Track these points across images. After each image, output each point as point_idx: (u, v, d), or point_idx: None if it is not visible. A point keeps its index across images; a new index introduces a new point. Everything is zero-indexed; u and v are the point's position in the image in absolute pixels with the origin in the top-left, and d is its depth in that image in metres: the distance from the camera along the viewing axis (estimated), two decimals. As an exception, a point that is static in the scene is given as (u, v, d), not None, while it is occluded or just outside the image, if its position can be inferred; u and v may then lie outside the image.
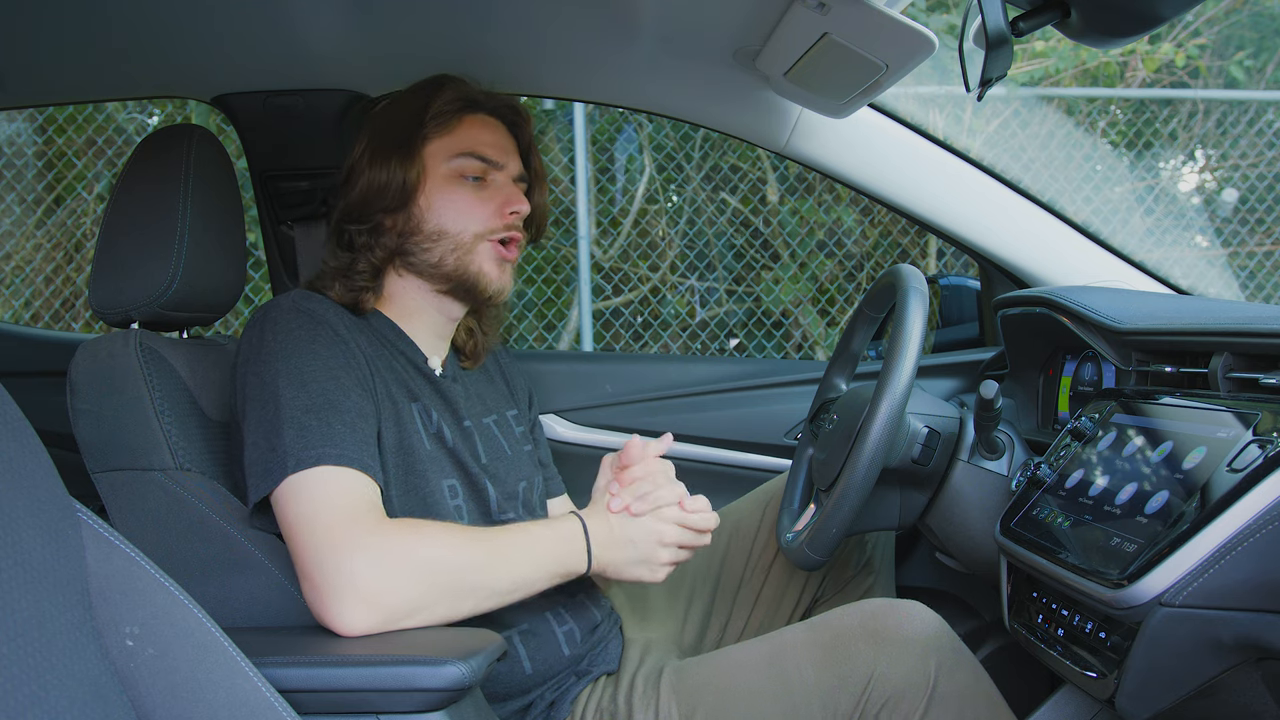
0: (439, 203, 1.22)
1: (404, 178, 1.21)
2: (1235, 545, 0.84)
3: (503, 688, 1.13)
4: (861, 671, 1.06)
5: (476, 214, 1.22)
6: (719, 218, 3.97)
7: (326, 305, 1.14)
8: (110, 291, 1.13)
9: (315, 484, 0.98)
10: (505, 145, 1.27)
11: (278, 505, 1.00)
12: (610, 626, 1.28)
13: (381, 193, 1.22)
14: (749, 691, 1.09)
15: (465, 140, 1.23)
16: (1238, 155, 4.26)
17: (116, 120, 3.69)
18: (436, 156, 1.23)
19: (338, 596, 0.93)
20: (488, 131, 1.26)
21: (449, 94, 1.24)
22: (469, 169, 1.23)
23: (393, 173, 1.21)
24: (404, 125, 1.23)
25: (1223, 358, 1.07)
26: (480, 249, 1.23)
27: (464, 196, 1.22)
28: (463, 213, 1.22)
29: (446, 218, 1.22)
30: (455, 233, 1.21)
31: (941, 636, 1.09)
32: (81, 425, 1.10)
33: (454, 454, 1.19)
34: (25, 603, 0.64)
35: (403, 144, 1.22)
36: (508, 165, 1.26)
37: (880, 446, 1.14)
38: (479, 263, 1.23)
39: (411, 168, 1.21)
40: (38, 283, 3.68)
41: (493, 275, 1.24)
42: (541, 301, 3.82)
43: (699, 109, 1.67)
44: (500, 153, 1.25)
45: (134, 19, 1.36)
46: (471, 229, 1.22)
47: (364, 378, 1.10)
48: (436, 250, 1.22)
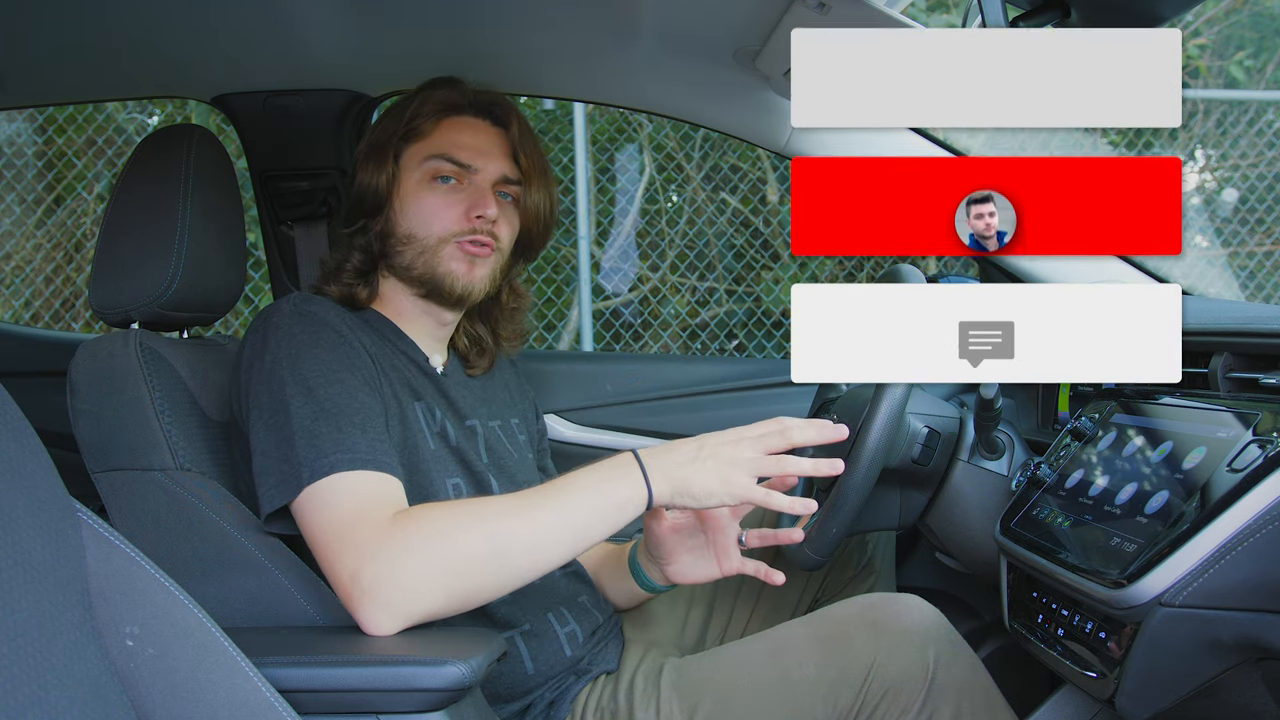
0: (410, 207, 1.22)
1: (378, 183, 1.22)
2: (1235, 545, 0.84)
3: (504, 688, 1.13)
4: (861, 663, 1.06)
5: (442, 217, 1.21)
6: (719, 218, 3.97)
7: (327, 306, 1.14)
8: (110, 291, 1.13)
9: (331, 492, 0.98)
10: (485, 147, 1.24)
11: (299, 517, 1.00)
12: (611, 627, 1.28)
13: (363, 197, 1.23)
14: (750, 686, 1.09)
15: (438, 143, 1.23)
16: (1238, 155, 4.26)
17: (116, 120, 3.69)
18: (412, 160, 1.23)
19: (362, 604, 0.93)
20: (467, 134, 1.24)
21: (430, 97, 1.24)
22: (440, 170, 1.22)
23: (371, 177, 1.22)
24: (387, 130, 1.24)
25: (1223, 358, 1.07)
26: (445, 251, 1.21)
27: (434, 200, 1.21)
28: (430, 216, 1.21)
29: (415, 221, 1.21)
30: (422, 236, 1.21)
31: (939, 628, 1.10)
32: (81, 425, 1.10)
33: (458, 452, 1.19)
34: (25, 603, 0.64)
35: (382, 148, 1.23)
36: (484, 168, 1.23)
37: (880, 446, 1.14)
38: (446, 264, 1.21)
39: (383, 172, 1.22)
40: (38, 283, 3.68)
41: (459, 272, 1.21)
42: (541, 301, 3.82)
43: (699, 109, 1.67)
44: (475, 155, 1.23)
45: (134, 19, 1.36)
46: (436, 232, 1.21)
47: (370, 376, 1.10)
48: (407, 254, 1.22)
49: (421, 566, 0.93)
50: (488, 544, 0.95)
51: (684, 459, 0.99)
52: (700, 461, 0.98)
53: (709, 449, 0.99)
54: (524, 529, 0.97)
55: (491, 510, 0.98)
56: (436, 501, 1.01)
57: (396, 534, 0.94)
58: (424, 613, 0.93)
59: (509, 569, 0.96)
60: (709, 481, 0.97)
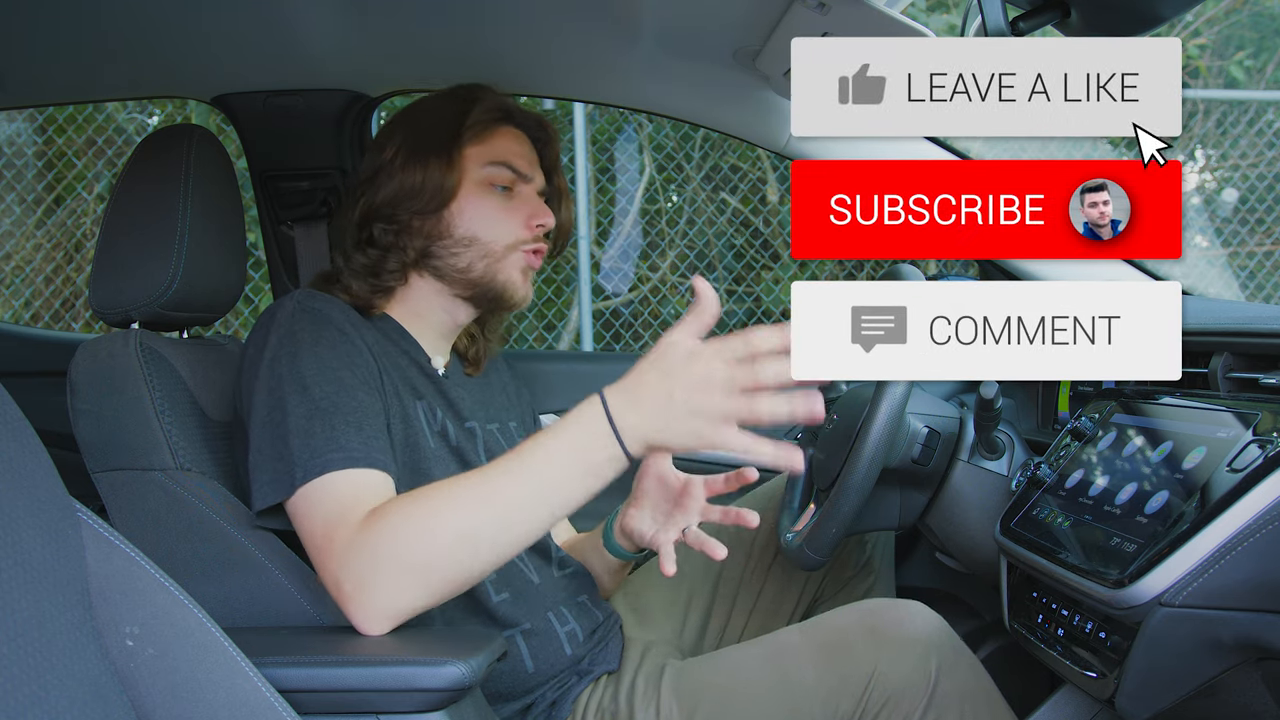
0: (470, 209, 1.22)
1: (441, 181, 1.20)
2: (1235, 545, 0.84)
3: (505, 687, 1.14)
4: (862, 671, 1.06)
5: (508, 223, 1.23)
6: (719, 218, 3.97)
7: (333, 304, 1.14)
8: (110, 291, 1.13)
9: (322, 492, 0.99)
10: (532, 159, 1.28)
11: (293, 517, 1.01)
12: (611, 626, 1.28)
13: (416, 194, 1.21)
14: (750, 692, 1.09)
15: (499, 150, 1.24)
16: (1238, 155, 4.26)
17: (116, 120, 3.69)
18: (472, 162, 1.23)
19: (348, 608, 0.93)
20: (518, 144, 1.27)
21: (488, 102, 1.25)
22: (500, 178, 1.23)
23: (430, 175, 1.20)
24: (443, 129, 1.23)
25: (1223, 358, 1.07)
26: (511, 259, 1.23)
27: (494, 205, 1.23)
28: (495, 222, 1.22)
29: (478, 225, 1.22)
30: (487, 241, 1.22)
31: (942, 636, 1.09)
32: (81, 425, 1.10)
33: (458, 452, 1.19)
34: (25, 603, 0.64)
35: (442, 147, 1.22)
36: (535, 179, 1.27)
37: (880, 446, 1.14)
38: (508, 272, 1.23)
39: (451, 172, 1.21)
40: (38, 283, 3.68)
41: (519, 284, 1.25)
42: (541, 301, 3.82)
43: (699, 109, 1.67)
44: (529, 165, 1.26)
45: (134, 19, 1.36)
46: (503, 239, 1.22)
47: (371, 374, 1.10)
48: (466, 256, 1.22)
49: (391, 567, 0.92)
50: (455, 532, 0.92)
51: (653, 412, 0.89)
52: (672, 417, 0.89)
53: (679, 399, 0.88)
54: (493, 510, 0.92)
55: (459, 495, 0.93)
56: (407, 493, 0.98)
57: (367, 537, 0.93)
58: (407, 610, 0.93)
59: (483, 552, 0.93)
60: (684, 439, 0.89)
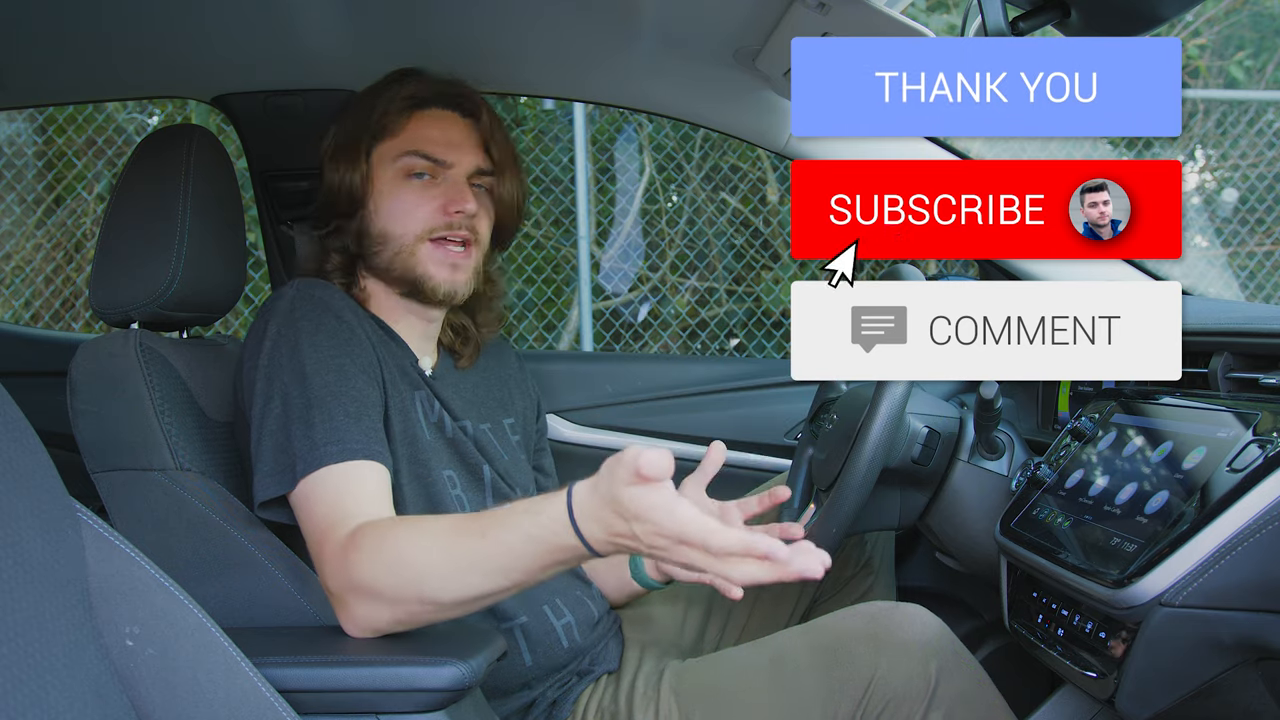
0: (384, 205, 1.20)
1: (351, 182, 1.20)
2: (1235, 545, 0.84)
3: (504, 681, 1.14)
4: (862, 675, 1.06)
5: (418, 214, 1.19)
6: (719, 218, 3.97)
7: (333, 292, 1.14)
8: (110, 291, 1.13)
9: (321, 487, 1.00)
10: (457, 140, 1.22)
11: (295, 510, 1.02)
12: (610, 624, 1.28)
13: (335, 197, 1.21)
14: (749, 694, 1.09)
15: (411, 139, 1.20)
16: (1238, 155, 4.26)
17: (116, 120, 3.69)
18: (384, 158, 1.20)
19: (337, 611, 0.96)
20: (438, 127, 1.22)
21: (397, 92, 1.21)
22: (414, 167, 1.20)
23: (342, 178, 1.20)
24: (354, 128, 1.21)
25: (1223, 358, 1.07)
26: (421, 250, 1.19)
27: (409, 196, 1.19)
28: (406, 213, 1.19)
29: (391, 220, 1.19)
30: (399, 235, 1.19)
31: (943, 639, 1.09)
32: (81, 425, 1.10)
33: (453, 444, 1.20)
34: (25, 603, 0.64)
35: (352, 148, 1.20)
36: (459, 162, 1.21)
37: (880, 446, 1.14)
38: (423, 265, 1.19)
39: (355, 171, 1.19)
40: (38, 283, 3.68)
41: (439, 278, 1.19)
42: (541, 301, 3.82)
43: (699, 109, 1.67)
44: (449, 149, 1.21)
45: (134, 19, 1.36)
46: (412, 229, 1.19)
47: (370, 363, 1.10)
48: (385, 253, 1.20)
49: (364, 593, 0.93)
50: (418, 575, 0.91)
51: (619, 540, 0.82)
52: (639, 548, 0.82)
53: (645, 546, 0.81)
54: (455, 565, 0.90)
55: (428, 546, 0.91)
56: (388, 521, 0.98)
57: (345, 560, 0.94)
58: (387, 629, 0.94)
59: (446, 604, 0.92)
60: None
